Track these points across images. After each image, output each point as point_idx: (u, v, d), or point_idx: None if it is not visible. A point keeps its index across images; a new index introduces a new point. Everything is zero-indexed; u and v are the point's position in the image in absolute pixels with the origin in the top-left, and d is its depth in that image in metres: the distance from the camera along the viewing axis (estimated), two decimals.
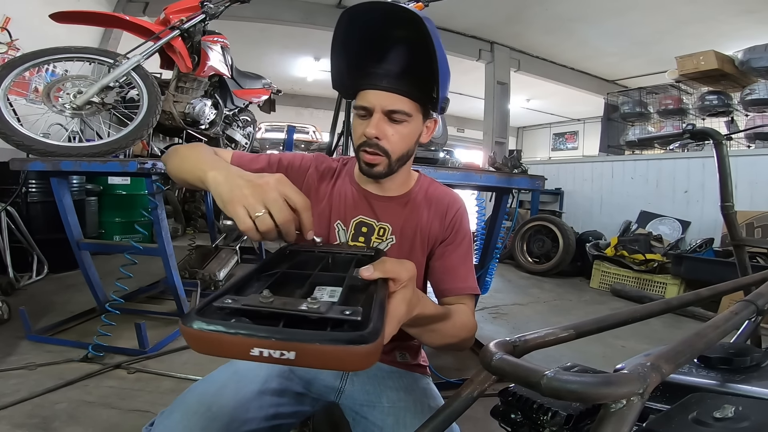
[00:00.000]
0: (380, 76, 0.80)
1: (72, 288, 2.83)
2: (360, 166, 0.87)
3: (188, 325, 0.41)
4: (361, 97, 0.82)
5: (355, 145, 0.86)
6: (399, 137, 0.83)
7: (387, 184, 0.92)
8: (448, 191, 0.97)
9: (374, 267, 0.55)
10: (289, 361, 0.39)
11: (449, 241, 0.92)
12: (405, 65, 0.80)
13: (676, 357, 0.40)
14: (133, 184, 4.18)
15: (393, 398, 0.84)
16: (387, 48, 0.80)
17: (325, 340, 0.39)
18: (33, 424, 1.29)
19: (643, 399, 0.33)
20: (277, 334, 0.39)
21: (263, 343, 0.39)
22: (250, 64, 3.16)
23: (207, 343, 0.41)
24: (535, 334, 0.50)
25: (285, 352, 0.39)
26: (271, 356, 0.39)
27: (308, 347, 0.39)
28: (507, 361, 0.39)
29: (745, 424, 0.41)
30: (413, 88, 0.81)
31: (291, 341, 0.39)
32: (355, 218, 0.91)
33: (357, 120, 0.85)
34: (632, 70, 7.32)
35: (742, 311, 0.58)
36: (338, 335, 0.40)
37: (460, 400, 0.46)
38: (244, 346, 0.39)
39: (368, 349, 0.39)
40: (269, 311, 0.42)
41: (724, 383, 0.57)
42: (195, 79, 2.31)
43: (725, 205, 1.19)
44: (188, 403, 0.76)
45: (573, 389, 0.32)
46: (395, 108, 0.81)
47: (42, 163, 1.71)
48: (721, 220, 3.68)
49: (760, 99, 4.12)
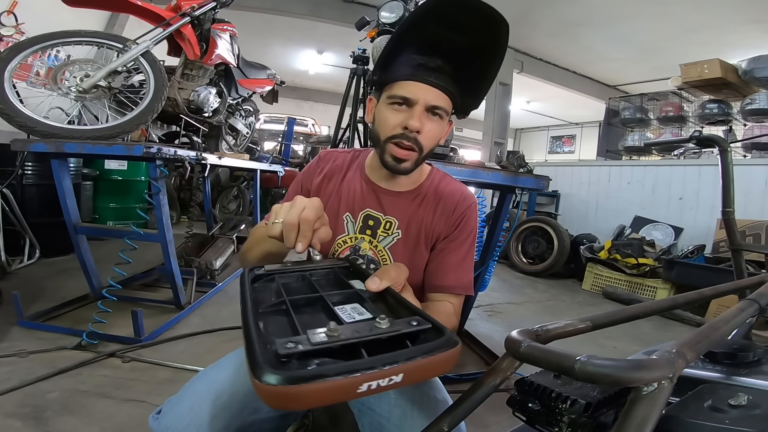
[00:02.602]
0: (431, 71, 0.79)
1: (64, 273, 2.80)
2: (385, 159, 0.84)
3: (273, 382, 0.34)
4: (402, 87, 0.80)
5: (384, 136, 0.83)
6: (433, 134, 0.83)
7: (399, 179, 0.92)
8: (459, 188, 0.96)
9: (380, 278, 0.57)
10: (396, 385, 0.37)
11: (452, 239, 0.92)
12: (458, 66, 0.80)
13: (697, 346, 0.41)
14: (130, 170, 4.13)
15: (399, 390, 0.83)
16: (448, 46, 0.79)
17: (425, 354, 0.39)
18: (25, 413, 1.24)
19: (672, 383, 0.34)
20: (380, 363, 0.37)
21: (371, 376, 0.36)
22: (253, 55, 3.14)
23: (299, 398, 0.35)
24: (556, 325, 0.51)
25: (393, 377, 0.37)
26: (379, 386, 0.36)
27: (413, 365, 0.38)
28: (537, 348, 0.41)
29: (757, 411, 0.43)
30: (455, 89, 0.81)
31: (397, 365, 0.37)
32: (363, 211, 0.91)
33: (390, 110, 0.82)
34: (634, 76, 7.37)
35: (747, 308, 0.60)
36: (434, 345, 0.40)
37: (483, 388, 0.47)
38: (351, 386, 0.36)
39: (458, 349, 0.40)
40: (344, 343, 0.39)
41: (729, 376, 0.59)
42: (201, 67, 2.29)
43: (726, 210, 1.21)
44: (198, 390, 0.75)
45: (607, 373, 0.34)
46: (438, 104, 0.80)
47: (45, 145, 1.69)
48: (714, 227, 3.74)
49: (760, 109, 4.17)
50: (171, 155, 1.80)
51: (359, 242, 0.91)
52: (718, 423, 0.45)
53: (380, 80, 0.84)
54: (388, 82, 0.82)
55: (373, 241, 0.91)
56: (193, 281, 2.55)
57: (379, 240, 0.91)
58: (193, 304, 2.33)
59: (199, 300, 2.42)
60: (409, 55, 0.80)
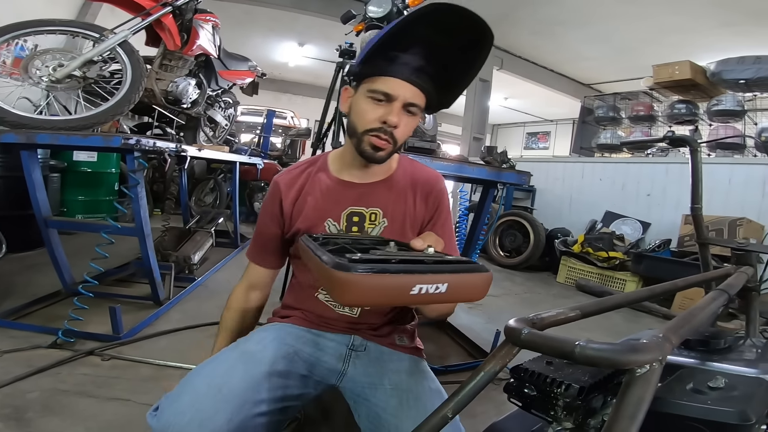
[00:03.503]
0: (413, 70, 0.82)
1: (33, 269, 2.68)
2: (362, 149, 0.86)
3: (352, 272, 0.41)
4: (384, 82, 0.82)
5: (362, 129, 0.85)
6: (407, 129, 0.87)
7: (373, 170, 0.94)
8: (430, 171, 1.01)
9: (422, 239, 0.62)
10: (441, 296, 0.43)
11: (434, 221, 0.96)
12: (440, 68, 0.84)
13: (680, 331, 0.46)
14: (100, 161, 3.98)
15: (395, 380, 0.86)
16: (433, 47, 0.82)
17: (466, 271, 0.45)
18: (5, 414, 1.20)
19: (662, 365, 0.38)
20: (432, 270, 0.43)
21: (424, 278, 0.42)
22: (232, 46, 3.06)
23: (369, 288, 0.42)
24: (549, 313, 0.54)
25: (440, 285, 0.43)
26: (428, 292, 0.42)
27: (457, 278, 0.44)
28: (537, 335, 0.43)
29: (735, 392, 0.48)
30: (432, 88, 0.85)
31: (444, 274, 0.43)
32: (344, 211, 0.92)
33: (370, 104, 0.84)
34: (609, 75, 7.58)
35: (718, 298, 0.66)
36: (475, 266, 0.46)
37: (484, 374, 0.50)
38: (407, 285, 0.42)
39: (490, 275, 0.47)
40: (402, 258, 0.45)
41: (704, 362, 0.64)
42: (181, 58, 2.23)
43: (695, 207, 1.29)
44: (196, 385, 0.75)
45: (605, 356, 0.37)
46: (415, 102, 0.84)
47: (15, 136, 1.61)
48: (679, 222, 3.92)
49: (726, 110, 4.38)
50: (150, 147, 1.75)
51: None
52: (701, 403, 0.49)
53: (363, 72, 0.86)
54: (370, 75, 0.84)
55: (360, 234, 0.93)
56: (171, 276, 2.50)
57: (368, 232, 0.93)
58: (172, 300, 2.28)
59: (178, 295, 2.37)
60: (394, 52, 0.82)
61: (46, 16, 1.83)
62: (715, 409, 0.46)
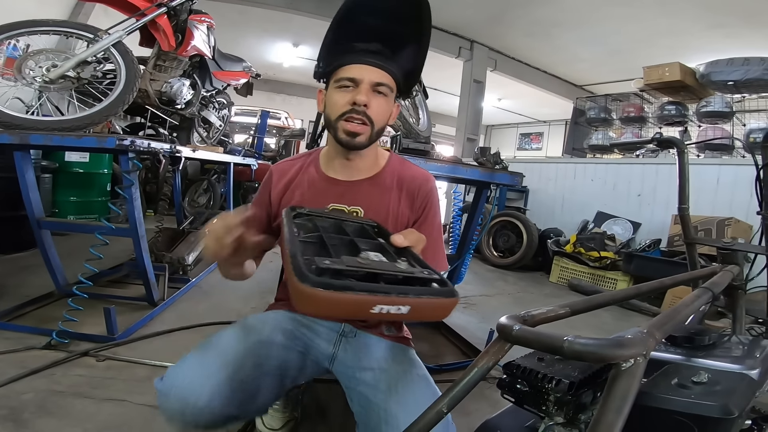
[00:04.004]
0: (368, 54, 0.87)
1: (25, 270, 2.66)
2: (339, 137, 0.89)
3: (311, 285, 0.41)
4: (347, 70, 0.87)
5: (335, 116, 0.88)
6: (381, 109, 0.89)
7: (357, 165, 0.95)
8: (419, 171, 1.02)
9: (404, 236, 0.63)
10: (401, 315, 0.43)
11: (421, 222, 0.97)
12: (394, 48, 0.88)
13: (663, 327, 0.48)
14: (92, 162, 3.95)
15: (383, 366, 0.90)
16: (380, 30, 0.87)
17: (431, 295, 0.45)
18: (1, 415, 1.20)
19: (646, 359, 0.39)
20: (395, 291, 0.43)
21: (386, 300, 0.42)
22: (226, 46, 3.06)
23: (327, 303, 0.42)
24: (539, 311, 0.56)
25: (401, 307, 0.43)
26: (389, 312, 0.43)
27: (420, 301, 0.44)
28: (528, 331, 0.45)
29: (718, 387, 0.50)
30: (396, 68, 0.89)
31: (407, 297, 0.43)
32: (327, 207, 0.94)
33: (339, 92, 0.88)
34: (601, 76, 7.67)
35: (702, 296, 0.68)
36: (439, 291, 0.46)
37: (477, 370, 0.51)
38: (368, 304, 0.42)
39: (457, 299, 0.47)
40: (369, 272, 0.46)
41: (689, 358, 0.66)
42: (175, 58, 2.22)
43: (682, 207, 1.33)
44: (202, 348, 0.82)
45: (592, 351, 0.39)
46: (382, 81, 0.87)
47: (9, 136, 1.60)
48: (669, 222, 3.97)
49: (714, 111, 4.43)
50: (144, 148, 1.75)
51: None
52: (685, 398, 0.51)
53: (325, 70, 0.92)
54: (333, 69, 0.89)
55: None
56: (165, 277, 2.49)
57: None
58: (166, 301, 2.27)
59: (172, 296, 2.36)
60: (349, 43, 0.88)
61: (38, 16, 1.82)
62: (699, 403, 0.48)
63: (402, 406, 0.77)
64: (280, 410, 1.14)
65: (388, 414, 0.78)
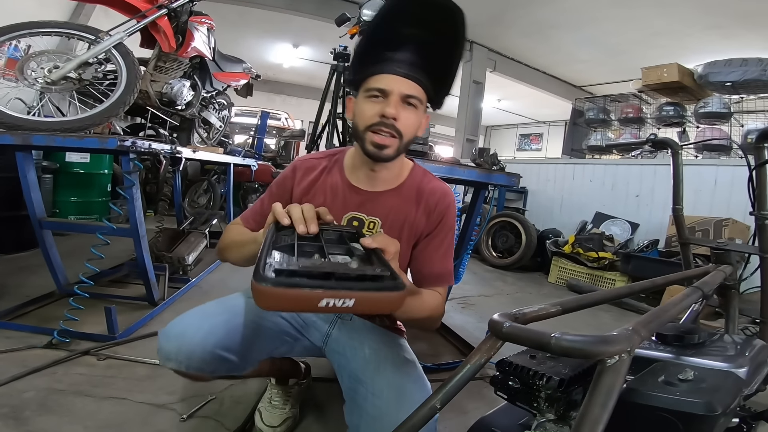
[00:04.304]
0: (400, 64, 0.86)
1: (26, 270, 2.67)
2: (366, 148, 0.89)
3: (264, 283, 0.46)
4: (377, 80, 0.86)
5: (363, 126, 0.88)
6: (410, 122, 0.89)
7: (382, 177, 0.96)
8: (440, 185, 1.02)
9: (372, 239, 0.65)
10: (347, 309, 0.47)
11: (434, 235, 0.98)
12: (427, 59, 0.87)
13: (649, 325, 0.49)
14: (93, 162, 3.95)
15: (374, 347, 0.93)
16: (413, 40, 0.86)
17: (376, 289, 0.49)
18: (2, 413, 1.21)
19: (631, 356, 0.41)
20: (341, 286, 0.47)
21: (331, 294, 0.46)
22: (226, 47, 3.08)
23: (278, 299, 0.47)
24: (530, 309, 0.58)
25: (347, 300, 0.47)
26: (335, 305, 0.47)
27: (363, 295, 0.48)
28: (517, 328, 0.47)
29: (703, 384, 0.51)
30: (427, 79, 0.89)
31: (352, 291, 0.47)
32: (347, 214, 0.97)
33: (368, 103, 0.87)
34: (599, 77, 7.70)
35: (691, 295, 0.69)
36: (384, 285, 0.50)
37: (470, 366, 0.53)
38: (315, 298, 0.46)
39: (402, 294, 0.50)
40: (320, 272, 0.50)
41: (678, 356, 0.67)
42: (176, 60, 2.24)
43: (676, 207, 1.34)
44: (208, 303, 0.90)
45: (578, 347, 0.40)
46: (412, 93, 0.87)
47: (11, 137, 1.61)
48: (666, 223, 3.98)
49: (712, 112, 4.43)
50: (146, 148, 1.76)
51: None
52: (671, 394, 0.53)
53: (356, 78, 0.91)
54: (364, 78, 0.88)
55: None
56: (165, 277, 2.50)
57: None
58: (166, 300, 2.28)
59: (172, 296, 2.37)
60: (380, 52, 0.86)
61: (39, 17, 1.84)
62: (683, 400, 0.50)
63: (388, 384, 0.82)
64: (279, 407, 1.16)
65: (374, 389, 0.83)
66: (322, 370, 1.52)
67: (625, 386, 0.54)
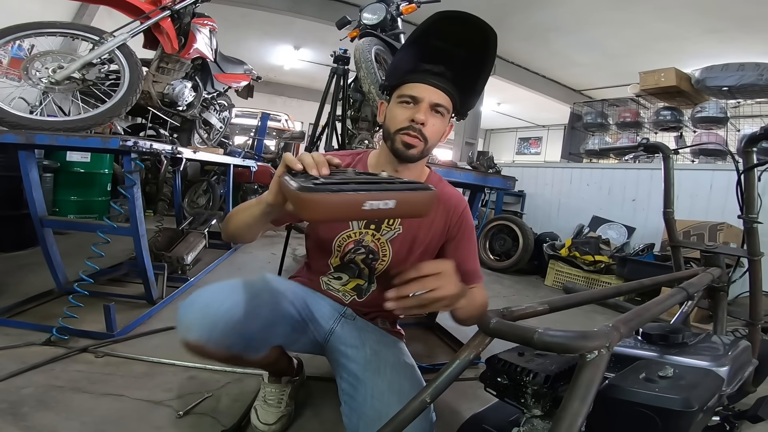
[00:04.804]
0: (433, 75, 0.94)
1: (25, 268, 2.68)
2: (395, 147, 0.96)
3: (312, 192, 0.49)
4: (410, 88, 0.94)
5: (394, 129, 0.96)
6: (436, 128, 0.97)
7: (403, 176, 1.02)
8: (454, 192, 1.11)
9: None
10: (389, 211, 0.50)
11: (459, 238, 1.06)
12: (457, 72, 0.95)
13: (630, 323, 0.51)
14: (93, 162, 3.97)
15: (375, 348, 0.98)
16: (448, 54, 0.93)
17: (411, 190, 0.52)
18: (0, 409, 1.22)
19: (610, 351, 0.43)
20: (382, 188, 0.51)
21: (374, 195, 0.49)
22: (227, 48, 3.11)
23: (326, 206, 0.49)
24: (518, 307, 0.60)
25: (388, 201, 0.50)
26: (379, 208, 0.49)
27: (402, 195, 0.51)
28: (503, 323, 0.49)
29: (682, 382, 0.53)
30: (455, 91, 0.96)
31: (392, 191, 0.50)
32: None
33: (400, 108, 0.96)
34: (598, 81, 7.74)
35: (675, 295, 0.72)
36: (419, 185, 0.54)
37: (459, 362, 0.55)
38: (359, 201, 0.49)
39: (434, 193, 0.54)
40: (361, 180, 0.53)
41: (662, 355, 0.70)
42: (178, 61, 2.27)
43: (667, 211, 1.37)
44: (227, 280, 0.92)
45: (559, 342, 0.42)
46: (440, 102, 0.94)
47: (15, 136, 1.63)
48: (662, 227, 4.00)
49: (709, 117, 4.47)
50: (147, 149, 1.78)
51: (363, 236, 1.04)
52: (650, 390, 0.55)
53: (391, 84, 0.99)
54: (398, 85, 0.97)
55: (376, 234, 1.04)
56: (164, 276, 2.52)
57: (382, 233, 1.03)
58: (165, 299, 2.30)
59: (171, 295, 2.39)
60: (415, 62, 0.95)
61: (43, 17, 1.86)
62: (661, 396, 0.52)
63: (389, 385, 0.86)
64: (274, 405, 1.17)
65: (374, 391, 0.86)
66: (318, 369, 1.54)
67: (606, 382, 0.56)
